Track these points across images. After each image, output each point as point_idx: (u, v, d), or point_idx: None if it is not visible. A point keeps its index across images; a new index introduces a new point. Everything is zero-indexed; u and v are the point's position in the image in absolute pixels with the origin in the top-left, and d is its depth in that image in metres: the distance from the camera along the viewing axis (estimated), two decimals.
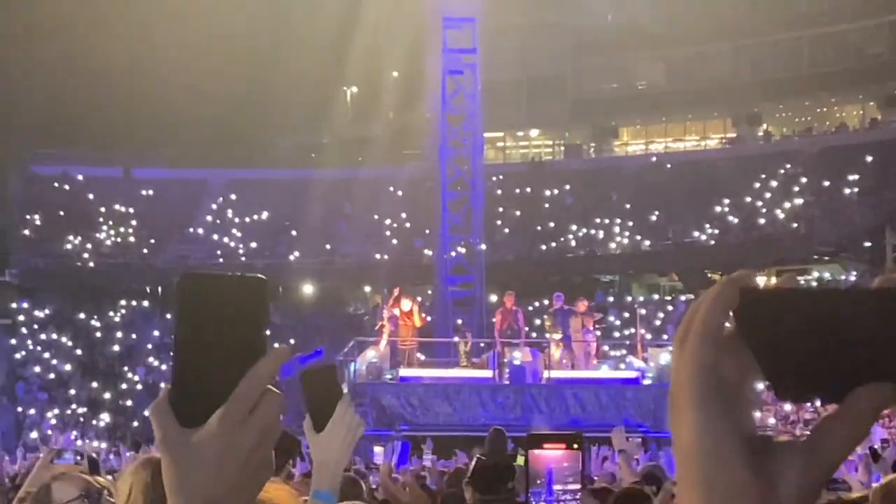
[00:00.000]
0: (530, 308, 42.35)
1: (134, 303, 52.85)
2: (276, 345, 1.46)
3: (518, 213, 56.59)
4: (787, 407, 35.31)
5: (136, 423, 41.27)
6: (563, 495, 2.45)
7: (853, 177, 53.11)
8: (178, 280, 1.41)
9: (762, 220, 53.06)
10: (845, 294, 1.14)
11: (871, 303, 1.13)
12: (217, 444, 1.37)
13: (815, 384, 1.15)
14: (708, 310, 1.15)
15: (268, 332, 1.54)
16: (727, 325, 1.16)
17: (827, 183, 53.30)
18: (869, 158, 53.60)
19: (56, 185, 58.81)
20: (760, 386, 1.16)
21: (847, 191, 53.08)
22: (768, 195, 54.04)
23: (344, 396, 3.43)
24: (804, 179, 54.14)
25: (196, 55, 61.40)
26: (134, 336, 48.67)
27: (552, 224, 55.97)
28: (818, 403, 1.19)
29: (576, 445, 2.44)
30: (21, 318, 50.38)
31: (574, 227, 55.41)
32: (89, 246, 55.29)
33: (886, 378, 1.13)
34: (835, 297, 1.15)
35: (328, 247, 55.37)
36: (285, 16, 65.20)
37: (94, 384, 46.03)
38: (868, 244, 53.01)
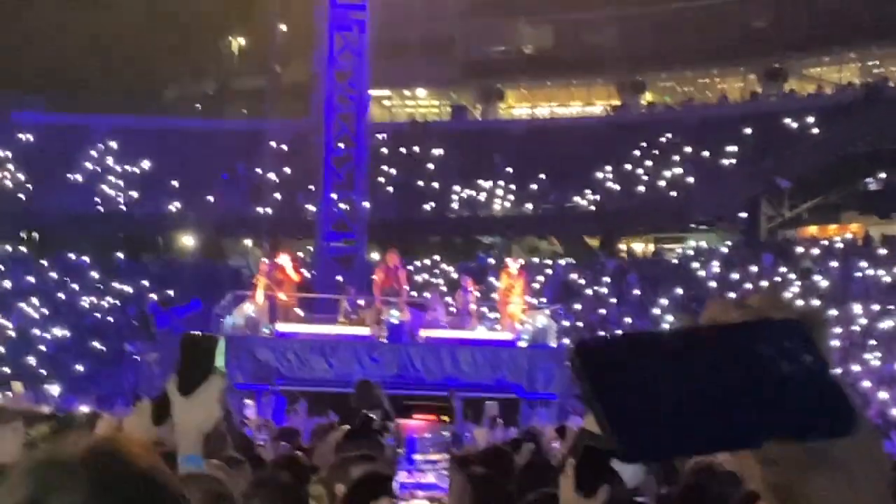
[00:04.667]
0: (410, 267, 42.52)
1: (9, 248, 52.04)
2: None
3: (402, 172, 56.64)
4: None
5: (6, 369, 40.72)
6: (423, 465, 2.59)
7: (731, 148, 53.95)
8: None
9: (641, 188, 53.72)
10: (710, 333, 1.08)
11: (744, 340, 1.06)
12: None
13: (680, 437, 1.05)
14: None
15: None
16: None
17: (706, 153, 54.08)
18: (748, 130, 54.46)
19: None
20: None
21: (725, 162, 53.92)
22: (649, 163, 54.71)
23: (221, 376, 3.54)
24: (684, 149, 54.87)
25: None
26: (7, 282, 47.92)
27: (435, 184, 56.13)
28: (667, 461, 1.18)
29: (445, 417, 2.56)
30: None
31: (457, 189, 55.62)
32: None
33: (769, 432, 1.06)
34: (695, 338, 1.08)
35: (210, 199, 54.95)
36: None
37: None
38: (744, 215, 53.97)
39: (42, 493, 1.60)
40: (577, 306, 44.49)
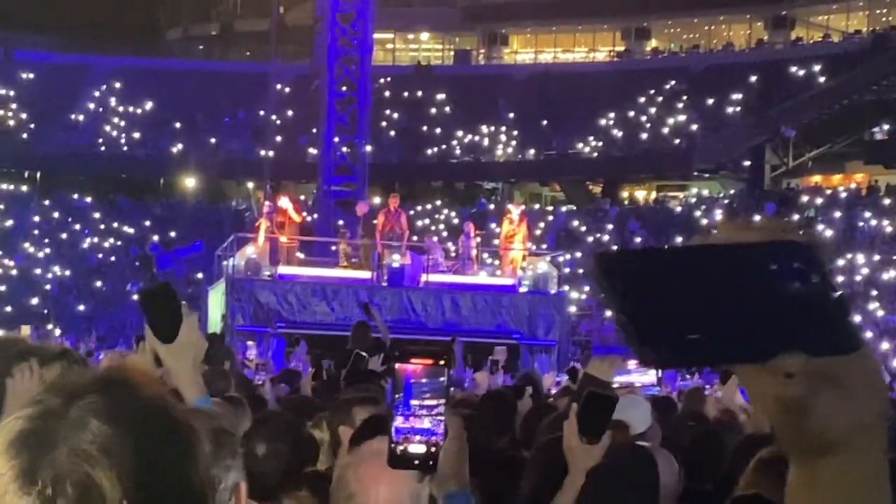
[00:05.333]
0: (412, 212, 42.50)
1: (11, 187, 52.00)
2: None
3: (404, 116, 56.50)
4: None
5: (8, 308, 40.80)
6: (419, 410, 2.56)
7: (736, 95, 53.79)
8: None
9: (645, 135, 53.60)
10: (723, 250, 1.11)
11: (756, 259, 1.10)
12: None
13: (697, 346, 1.10)
14: None
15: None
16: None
17: (711, 101, 53.92)
18: (753, 78, 54.28)
19: None
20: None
21: (730, 109, 53.76)
22: (652, 110, 54.55)
23: (191, 316, 3.69)
24: (688, 96, 54.70)
25: None
26: (10, 222, 47.92)
27: (438, 129, 56.01)
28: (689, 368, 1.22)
29: (442, 362, 2.53)
30: None
31: (459, 134, 55.50)
32: None
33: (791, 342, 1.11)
34: (709, 254, 1.12)
35: (212, 140, 54.87)
36: None
37: None
38: (747, 163, 53.89)
39: (52, 420, 1.61)
40: (579, 253, 44.46)
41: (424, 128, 56.13)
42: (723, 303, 1.09)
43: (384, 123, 54.51)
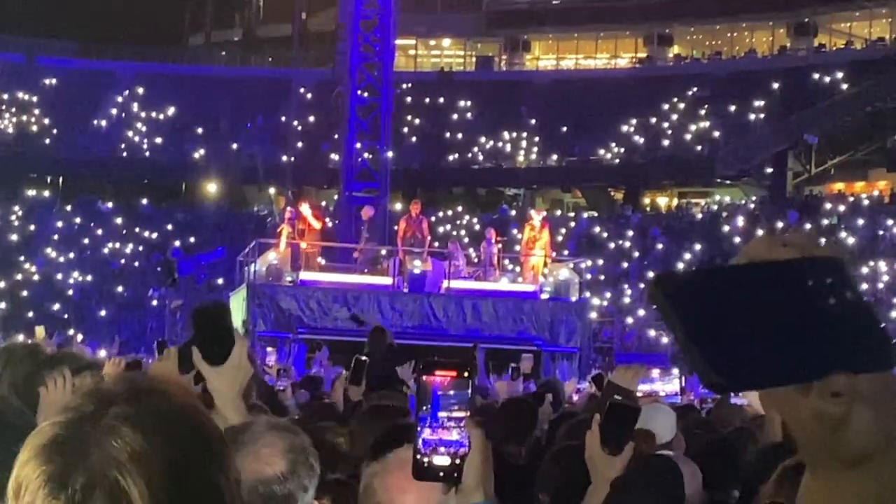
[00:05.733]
0: (433, 218, 42.51)
1: (34, 192, 52.18)
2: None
3: (426, 122, 56.53)
4: None
5: (30, 314, 40.90)
6: (448, 422, 2.55)
7: (759, 102, 53.68)
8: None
9: (667, 142, 53.52)
10: (768, 269, 1.13)
11: (797, 276, 1.11)
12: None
13: (760, 368, 1.11)
14: None
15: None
16: None
17: (733, 108, 53.82)
18: (775, 85, 54.16)
19: None
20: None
21: (752, 116, 53.66)
22: (675, 117, 54.48)
23: (241, 340, 3.65)
24: (710, 103, 54.60)
25: None
26: (33, 227, 48.08)
27: (459, 135, 56.01)
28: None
29: (467, 373, 2.53)
30: None
31: (482, 140, 55.51)
32: None
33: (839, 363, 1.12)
34: (758, 273, 1.13)
35: (234, 146, 54.96)
36: None
37: None
38: (770, 170, 53.74)
39: (84, 427, 1.64)
40: (600, 260, 44.40)
41: (447, 134, 56.15)
42: (775, 323, 1.10)
43: (406, 129, 54.54)
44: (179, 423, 1.70)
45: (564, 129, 55.05)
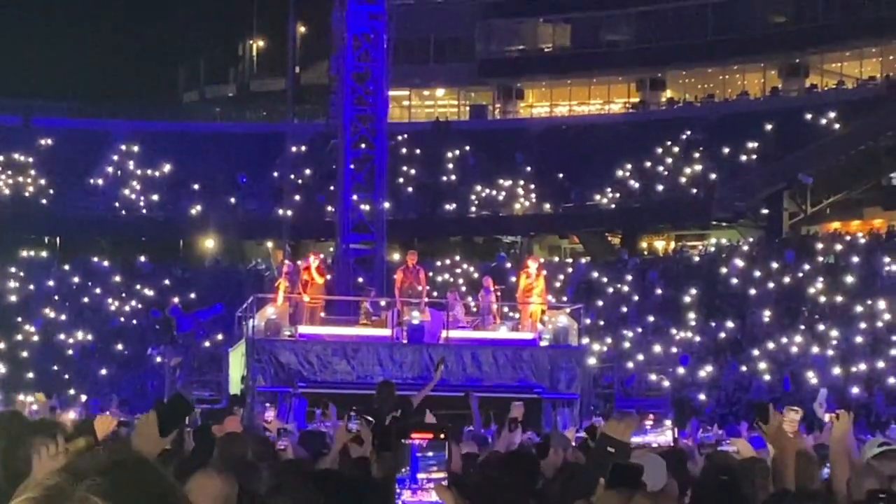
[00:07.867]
0: (430, 270, 42.50)
1: (32, 253, 52.21)
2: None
3: (422, 172, 56.64)
4: None
5: (30, 375, 40.81)
6: (426, 483, 2.58)
7: (753, 144, 53.83)
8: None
9: (662, 185, 53.62)
10: None
11: None
12: None
13: None
14: None
15: None
16: None
17: (727, 150, 53.95)
18: (768, 126, 54.29)
19: None
20: None
21: (745, 158, 53.79)
22: (669, 160, 54.61)
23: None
24: (704, 146, 54.74)
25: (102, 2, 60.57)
26: (31, 287, 48.08)
27: (455, 184, 56.14)
28: None
29: (442, 436, 2.55)
30: None
31: (477, 188, 55.61)
32: None
33: None
34: None
35: (231, 200, 55.07)
36: None
37: None
38: (765, 211, 53.82)
39: (57, 499, 1.70)
40: (599, 304, 44.41)
41: (441, 183, 56.27)
42: None
43: (401, 180, 54.65)
44: (149, 493, 1.75)
45: (560, 175, 55.16)
